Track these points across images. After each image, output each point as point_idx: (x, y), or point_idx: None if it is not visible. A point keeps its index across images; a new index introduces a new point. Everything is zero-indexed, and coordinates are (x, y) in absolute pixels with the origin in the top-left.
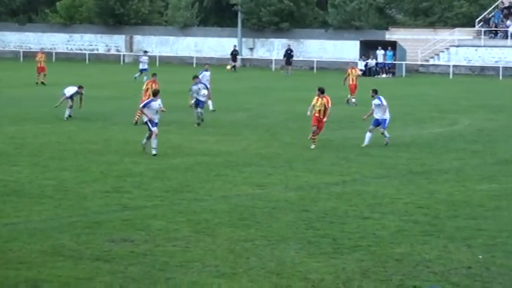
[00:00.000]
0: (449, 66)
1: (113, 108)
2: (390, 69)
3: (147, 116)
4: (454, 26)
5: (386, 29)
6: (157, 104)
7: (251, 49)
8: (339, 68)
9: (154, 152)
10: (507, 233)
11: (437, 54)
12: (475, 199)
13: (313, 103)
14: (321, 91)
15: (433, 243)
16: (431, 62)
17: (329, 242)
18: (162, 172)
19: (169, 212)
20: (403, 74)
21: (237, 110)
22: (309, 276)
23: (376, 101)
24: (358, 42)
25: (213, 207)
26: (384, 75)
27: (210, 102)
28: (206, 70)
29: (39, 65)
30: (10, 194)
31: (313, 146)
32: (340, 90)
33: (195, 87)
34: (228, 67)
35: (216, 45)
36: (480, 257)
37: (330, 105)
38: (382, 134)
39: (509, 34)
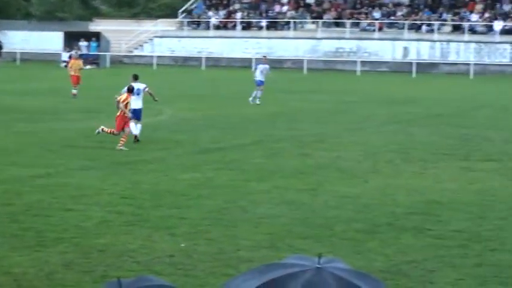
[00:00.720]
0: (153, 57)
1: None
2: (95, 60)
3: None
4: (157, 17)
5: (91, 20)
6: None
7: None
8: (44, 60)
9: None
10: (209, 220)
11: (142, 45)
12: (179, 188)
13: (122, 99)
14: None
15: (137, 233)
16: (135, 52)
17: (33, 235)
18: None
19: None
20: (108, 65)
21: None
22: (11, 270)
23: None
24: (62, 34)
25: None
26: (89, 66)
27: None
28: None
29: None
30: None
31: (124, 148)
32: (45, 81)
33: None
34: None
35: None
36: (182, 245)
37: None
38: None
39: (211, 25)
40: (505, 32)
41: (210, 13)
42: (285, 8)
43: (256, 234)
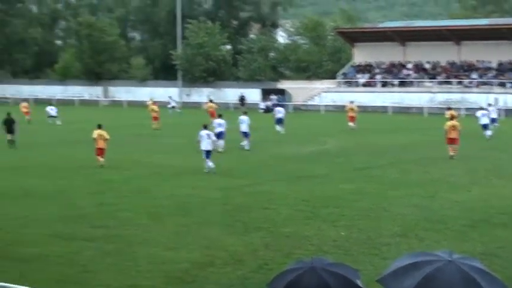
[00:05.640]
0: (320, 105)
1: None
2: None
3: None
4: (323, 78)
5: (278, 80)
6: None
7: (188, 95)
8: (248, 108)
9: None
10: (360, 216)
11: (313, 98)
12: (339, 194)
13: None
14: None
15: (312, 225)
16: (309, 102)
17: (241, 225)
18: (129, 179)
19: (133, 206)
20: (291, 111)
21: (178, 136)
22: (228, 248)
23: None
24: (259, 90)
25: (163, 202)
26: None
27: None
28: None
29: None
30: (22, 196)
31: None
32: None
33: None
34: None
35: (164, 92)
36: (342, 233)
37: None
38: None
39: (359, 83)
40: None
41: (359, 75)
42: (410, 72)
43: (393, 227)
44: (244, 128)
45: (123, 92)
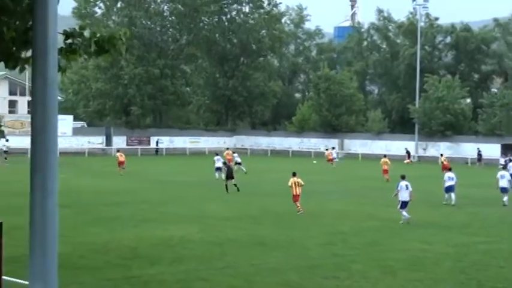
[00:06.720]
0: None
1: (327, 188)
2: None
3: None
4: None
5: None
6: None
7: (424, 149)
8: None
9: None
10: None
11: None
12: None
13: None
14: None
15: None
16: None
17: (475, 284)
18: (361, 231)
19: (364, 258)
20: None
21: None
22: None
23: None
24: (499, 145)
25: (394, 256)
26: None
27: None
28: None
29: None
30: (254, 245)
31: None
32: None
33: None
34: (406, 161)
35: (400, 145)
36: None
37: None
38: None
39: None
40: None
41: None
42: None
43: None
44: (504, 183)
45: (359, 145)
